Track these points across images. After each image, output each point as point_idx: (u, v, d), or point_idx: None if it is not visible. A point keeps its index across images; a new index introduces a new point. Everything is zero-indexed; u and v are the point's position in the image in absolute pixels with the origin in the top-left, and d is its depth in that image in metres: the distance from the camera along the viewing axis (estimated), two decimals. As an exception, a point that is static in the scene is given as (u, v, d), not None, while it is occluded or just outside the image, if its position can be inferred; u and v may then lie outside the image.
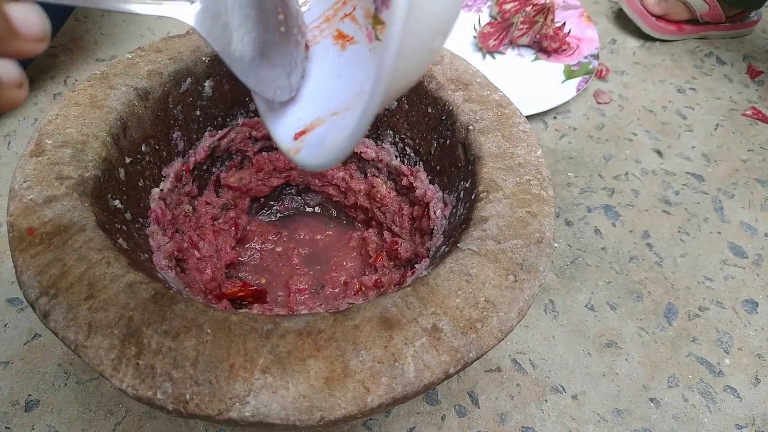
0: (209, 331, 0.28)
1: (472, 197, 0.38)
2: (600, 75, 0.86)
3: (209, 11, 0.25)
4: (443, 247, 0.39)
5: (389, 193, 0.52)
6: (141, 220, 0.40)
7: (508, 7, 0.88)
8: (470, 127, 0.42)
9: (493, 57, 0.85)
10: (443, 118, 0.45)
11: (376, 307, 0.31)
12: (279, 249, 0.55)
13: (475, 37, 0.86)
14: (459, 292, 0.32)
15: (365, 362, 0.28)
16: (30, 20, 0.19)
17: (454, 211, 0.42)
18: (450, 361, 0.29)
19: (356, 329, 0.29)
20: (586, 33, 0.87)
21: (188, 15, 0.24)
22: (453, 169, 0.43)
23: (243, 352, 0.28)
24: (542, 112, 0.77)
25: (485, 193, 0.38)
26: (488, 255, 0.34)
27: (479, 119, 0.43)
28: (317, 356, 0.28)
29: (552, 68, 0.82)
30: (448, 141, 0.44)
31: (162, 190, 0.44)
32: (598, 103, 0.82)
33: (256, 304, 0.48)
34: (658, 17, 0.92)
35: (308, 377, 0.27)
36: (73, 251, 0.31)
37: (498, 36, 0.82)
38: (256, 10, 0.26)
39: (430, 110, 0.46)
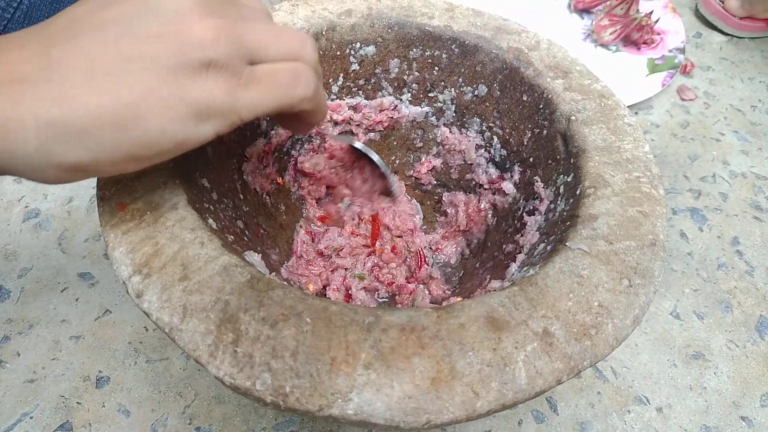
0: (308, 320, 0.27)
1: (577, 193, 0.36)
2: (684, 70, 0.81)
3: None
4: (542, 245, 0.36)
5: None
6: (225, 200, 0.39)
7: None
8: (572, 118, 0.39)
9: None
10: (541, 106, 0.42)
11: (481, 305, 0.28)
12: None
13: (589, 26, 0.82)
14: (570, 295, 0.29)
15: (473, 364, 0.26)
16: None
17: (551, 206, 0.39)
18: (563, 369, 0.27)
19: (462, 328, 0.27)
20: (670, 25, 0.82)
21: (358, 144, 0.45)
22: (550, 162, 0.41)
23: (344, 345, 0.26)
24: (623, 107, 0.73)
25: (592, 189, 0.35)
26: (599, 256, 0.31)
27: (581, 109, 0.40)
28: (422, 354, 0.26)
29: (635, 61, 0.78)
30: (545, 131, 0.42)
31: (244, 170, 0.42)
32: (683, 99, 0.77)
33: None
34: (743, 17, 0.87)
35: (413, 376, 0.25)
36: (165, 229, 0.30)
37: (618, 32, 0.78)
38: None
39: (525, 98, 0.43)
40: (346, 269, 0.48)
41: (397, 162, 0.55)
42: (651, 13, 0.79)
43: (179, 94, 0.23)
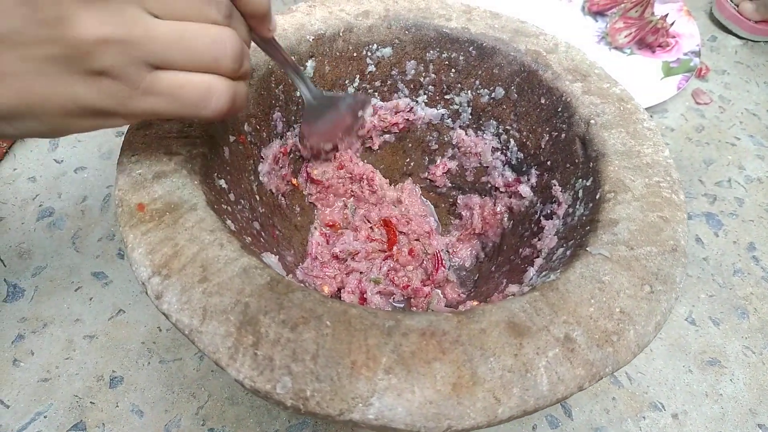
0: (329, 323, 0.27)
1: (597, 197, 0.35)
2: (699, 74, 0.80)
3: (315, 109, 0.41)
4: (561, 249, 0.36)
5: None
6: (242, 201, 0.39)
7: (599, -1, 0.84)
8: (591, 121, 0.39)
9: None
10: (559, 110, 0.42)
11: (502, 311, 0.28)
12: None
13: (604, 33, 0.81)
14: (592, 301, 0.29)
15: (495, 370, 0.26)
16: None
17: (570, 210, 0.39)
18: (585, 375, 0.27)
19: (483, 333, 0.27)
20: (685, 29, 0.82)
21: (308, 99, 0.40)
22: (568, 165, 0.41)
23: (365, 348, 0.26)
24: (637, 111, 0.72)
25: (612, 194, 0.35)
26: (621, 262, 0.31)
27: (601, 113, 0.39)
28: (443, 359, 0.26)
29: (649, 64, 0.77)
30: (563, 135, 0.41)
31: (260, 171, 0.42)
32: (697, 103, 0.77)
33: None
34: (759, 21, 0.86)
35: (435, 382, 0.25)
36: (185, 230, 0.30)
37: (633, 35, 0.77)
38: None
39: (543, 101, 0.43)
40: (361, 273, 0.48)
41: (412, 164, 0.54)
42: (666, 16, 0.78)
43: (71, 97, 0.24)
